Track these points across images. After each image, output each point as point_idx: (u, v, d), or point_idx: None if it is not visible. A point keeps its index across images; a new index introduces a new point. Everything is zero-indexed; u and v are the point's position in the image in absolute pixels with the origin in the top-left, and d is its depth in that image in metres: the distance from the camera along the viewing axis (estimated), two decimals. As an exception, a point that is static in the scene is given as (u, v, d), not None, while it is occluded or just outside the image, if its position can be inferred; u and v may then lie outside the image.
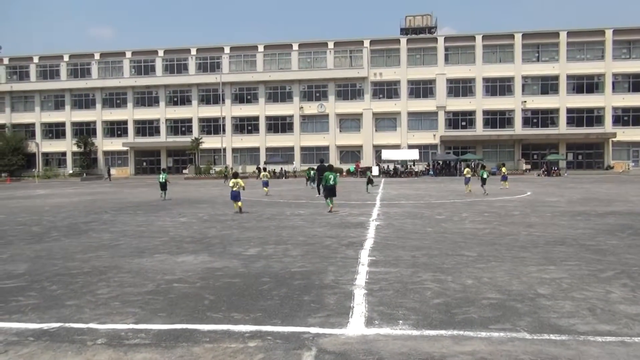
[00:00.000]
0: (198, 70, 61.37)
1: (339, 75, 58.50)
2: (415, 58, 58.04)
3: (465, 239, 9.68)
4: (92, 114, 63.38)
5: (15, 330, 4.71)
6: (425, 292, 5.85)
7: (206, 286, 6.27)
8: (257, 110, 60.38)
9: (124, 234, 11.28)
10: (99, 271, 7.25)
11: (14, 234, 11.49)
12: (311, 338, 4.37)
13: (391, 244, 9.22)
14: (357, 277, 6.64)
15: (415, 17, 63.32)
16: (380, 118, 58.79)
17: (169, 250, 8.92)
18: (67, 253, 8.82)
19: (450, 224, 12.22)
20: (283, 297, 5.69)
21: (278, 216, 14.53)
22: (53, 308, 5.42)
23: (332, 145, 59.06)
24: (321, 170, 22.13)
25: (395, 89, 58.40)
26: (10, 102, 64.99)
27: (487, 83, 56.71)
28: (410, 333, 4.47)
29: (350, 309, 5.22)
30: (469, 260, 7.63)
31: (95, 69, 62.72)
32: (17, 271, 7.37)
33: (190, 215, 15.10)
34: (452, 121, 57.76)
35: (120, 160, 63.01)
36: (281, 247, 9.05)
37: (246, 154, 61.01)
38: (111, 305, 5.50)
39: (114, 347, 4.24)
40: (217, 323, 4.81)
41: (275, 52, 60.24)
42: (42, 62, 64.12)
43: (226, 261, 7.85)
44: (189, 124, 61.90)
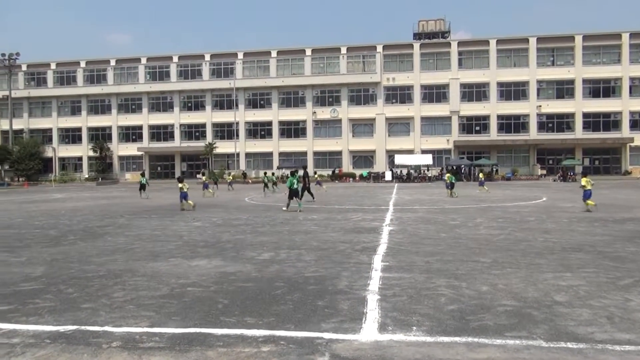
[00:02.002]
0: (212, 75, 61.84)
1: (351, 80, 58.55)
2: (428, 63, 57.89)
3: (479, 245, 9.60)
4: (108, 119, 64.17)
5: (32, 333, 4.77)
6: (440, 298, 5.81)
7: (220, 290, 6.29)
8: (270, 115, 60.62)
9: (139, 237, 11.37)
10: (115, 274, 7.32)
11: (32, 237, 11.65)
12: (324, 343, 4.36)
13: (405, 250, 9.18)
14: (371, 282, 6.61)
15: (428, 22, 63.19)
16: (393, 123, 58.66)
17: (183, 255, 8.97)
18: (83, 256, 8.92)
19: (464, 229, 12.13)
20: (296, 302, 5.68)
21: (291, 221, 14.55)
22: (69, 311, 5.47)
23: (344, 150, 59.04)
24: (305, 176, 23.14)
25: (409, 93, 58.26)
26: (28, 107, 66.08)
27: (501, 87, 56.32)
28: (424, 339, 4.43)
29: (364, 314, 5.20)
30: (483, 267, 7.56)
31: (111, 75, 63.54)
32: (35, 274, 7.46)
33: (204, 220, 15.18)
34: (466, 126, 57.43)
35: (135, 165, 63.63)
36: (294, 252, 9.05)
37: (259, 159, 61.22)
38: (126, 308, 5.55)
39: (129, 350, 4.27)
40: (230, 327, 4.82)
41: (288, 57, 60.49)
42: (59, 68, 65.13)
43: (240, 265, 7.88)
44: (202, 129, 62.35)
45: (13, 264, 8.28)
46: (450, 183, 25.84)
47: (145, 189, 27.69)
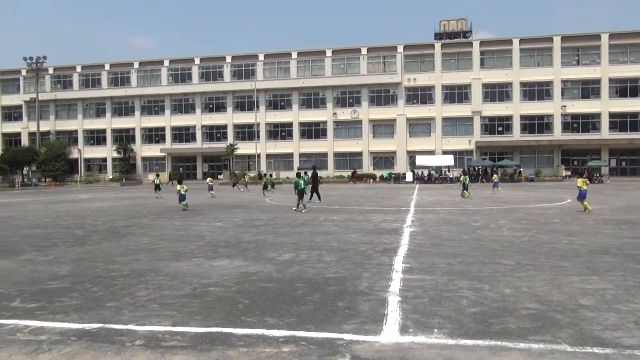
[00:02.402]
0: (233, 77, 62.36)
1: (372, 81, 58.39)
2: (450, 63, 57.39)
3: (502, 247, 9.47)
4: (132, 120, 65.21)
5: (58, 330, 4.87)
6: (461, 300, 5.75)
7: (241, 290, 6.34)
8: (291, 116, 60.83)
9: (162, 238, 11.52)
10: (138, 274, 7.43)
11: (58, 237, 11.90)
12: (345, 344, 4.35)
13: (426, 251, 9.11)
14: (391, 284, 6.58)
15: (449, 22, 62.67)
16: (414, 124, 58.29)
17: (205, 255, 9.06)
18: (108, 256, 9.08)
19: (486, 231, 11.98)
20: (317, 303, 5.69)
21: (312, 222, 14.57)
22: (94, 309, 5.57)
23: (365, 151, 58.89)
24: (315, 177, 23.30)
25: (430, 94, 57.85)
26: (55, 109, 67.57)
27: (524, 87, 55.50)
28: (445, 342, 4.39)
29: (385, 316, 5.17)
30: (506, 269, 7.45)
31: (135, 78, 64.57)
32: (61, 273, 7.62)
33: (226, 220, 15.30)
34: (488, 126, 56.75)
35: (158, 166, 64.52)
36: (315, 253, 9.06)
37: (280, 160, 61.48)
38: (149, 307, 5.62)
39: (152, 348, 4.33)
40: (251, 327, 4.85)
41: (309, 58, 60.63)
42: (84, 71, 66.46)
43: (261, 266, 7.92)
44: (224, 130, 62.90)
45: (40, 263, 8.47)
46: (463, 184, 26.08)
47: (159, 189, 28.82)
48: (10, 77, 68.97)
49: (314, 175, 23.54)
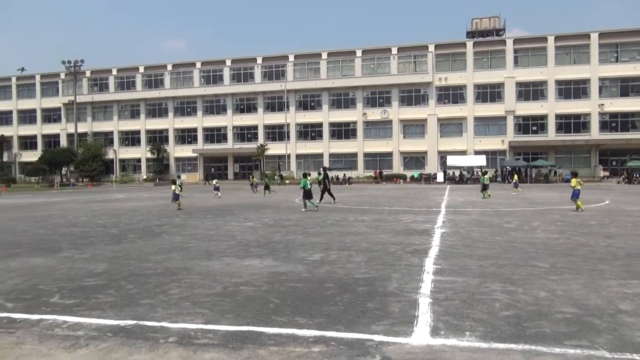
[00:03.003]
0: (263, 78, 62.88)
1: (402, 81, 57.95)
2: (482, 61, 56.44)
3: (536, 249, 9.25)
4: (165, 122, 66.51)
5: (95, 326, 5.01)
6: (494, 303, 5.64)
7: (271, 290, 6.38)
8: (321, 116, 60.93)
9: (194, 237, 11.71)
10: (171, 272, 7.57)
11: (95, 235, 12.24)
12: (375, 346, 4.33)
13: (457, 253, 8.98)
14: (422, 285, 6.51)
15: (482, 20, 61.62)
16: (446, 123, 57.56)
17: (235, 254, 9.16)
18: (142, 254, 9.28)
19: (520, 232, 11.73)
20: (347, 303, 5.68)
21: (342, 222, 14.56)
22: (129, 306, 5.71)
23: (395, 151, 58.49)
24: (326, 177, 23.14)
25: (461, 93, 57.03)
26: (92, 111, 69.53)
27: (560, 86, 54.09)
28: (478, 345, 4.32)
29: (415, 317, 5.12)
30: (541, 272, 7.28)
31: (168, 80, 65.85)
32: (97, 270, 7.83)
33: (256, 220, 15.44)
34: (522, 126, 55.55)
35: (190, 166, 65.61)
36: (345, 253, 9.05)
37: (310, 160, 61.63)
38: (182, 305, 5.72)
39: (184, 345, 4.41)
40: (282, 327, 4.88)
41: (339, 59, 60.60)
42: (119, 74, 68.16)
43: (291, 266, 7.96)
44: (254, 130, 63.48)
45: (78, 260, 8.72)
46: (483, 184, 25.98)
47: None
48: (50, 81, 71.34)
49: (324, 176, 23.49)
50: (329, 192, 22.55)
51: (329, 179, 23.42)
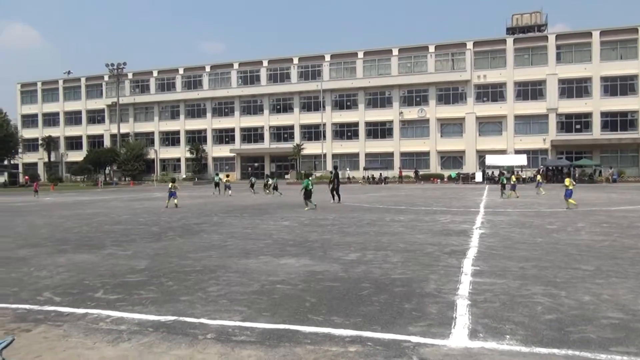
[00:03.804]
0: (300, 78, 63.18)
1: (440, 79, 57.13)
2: (523, 58, 55.00)
3: (580, 252, 8.95)
4: (203, 122, 67.76)
5: (137, 321, 5.15)
6: (536, 306, 5.49)
7: (307, 289, 6.41)
8: (357, 116, 60.74)
9: (231, 235, 11.88)
10: (210, 270, 7.70)
11: (137, 233, 12.59)
12: (412, 347, 4.28)
13: (497, 254, 8.79)
14: (460, 286, 6.40)
15: (522, 16, 60.06)
16: (484, 122, 56.39)
17: (272, 253, 9.24)
18: (182, 252, 9.49)
19: (563, 234, 11.37)
20: (383, 304, 5.64)
21: (378, 222, 14.48)
22: (169, 302, 5.85)
23: (432, 150, 57.73)
24: (335, 177, 23.24)
25: (501, 91, 55.74)
26: (133, 112, 71.54)
27: (605, 82, 52.13)
28: (518, 349, 4.21)
29: (453, 319, 5.04)
30: (585, 275, 7.03)
31: (206, 81, 67.05)
32: (139, 267, 8.06)
33: (292, 219, 15.53)
34: (565, 124, 53.83)
35: (228, 166, 66.61)
36: (381, 253, 8.99)
37: (346, 160, 61.55)
38: (220, 302, 5.82)
39: (222, 342, 4.48)
40: (318, 325, 4.89)
41: (375, 58, 60.28)
42: (160, 75, 69.85)
43: (327, 265, 7.97)
44: (290, 130, 63.89)
45: (121, 257, 9.00)
46: (502, 184, 26.47)
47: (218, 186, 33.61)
48: (94, 83, 73.81)
49: (335, 175, 23.45)
50: (336, 192, 22.62)
51: (338, 179, 23.44)
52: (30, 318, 5.30)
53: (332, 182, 23.18)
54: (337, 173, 23.79)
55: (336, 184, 22.94)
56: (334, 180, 23.06)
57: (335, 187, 22.80)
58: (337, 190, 22.75)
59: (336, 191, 22.72)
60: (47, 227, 14.46)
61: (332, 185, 23.02)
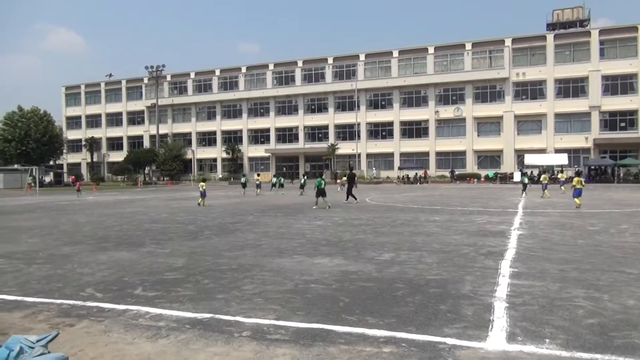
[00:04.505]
0: (334, 78, 63.21)
1: (477, 77, 56.11)
2: (564, 55, 53.40)
3: (625, 254, 8.62)
4: (239, 123, 68.67)
5: (174, 318, 5.27)
6: (577, 310, 5.32)
7: (341, 288, 6.40)
8: (392, 115, 60.33)
9: (266, 234, 11.99)
10: (244, 268, 7.80)
11: (174, 232, 12.87)
12: (447, 349, 4.22)
13: (535, 256, 8.56)
14: (497, 288, 6.27)
15: (564, 11, 58.29)
16: (523, 121, 55.04)
17: (306, 252, 9.27)
18: (217, 250, 9.63)
19: (606, 236, 10.98)
20: (418, 305, 5.58)
21: (412, 222, 14.33)
22: (205, 300, 5.95)
23: (469, 150, 56.75)
24: (351, 178, 23.03)
25: (540, 88, 54.29)
26: (172, 114, 73.15)
27: (652, 78, 50.01)
28: (558, 354, 4.09)
29: (490, 322, 4.94)
30: (630, 279, 6.77)
31: (242, 82, 67.93)
32: (176, 265, 8.23)
33: (326, 219, 15.55)
34: (609, 122, 51.95)
35: (263, 166, 67.29)
36: (415, 254, 8.90)
37: (380, 160, 61.23)
38: (255, 301, 5.88)
39: (257, 340, 4.53)
40: (352, 325, 4.88)
41: (410, 56, 59.71)
42: (197, 77, 71.18)
43: (360, 265, 7.94)
44: (325, 130, 63.99)
45: (159, 255, 9.21)
46: (523, 184, 27.44)
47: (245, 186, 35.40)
48: (134, 85, 75.89)
49: (350, 176, 23.25)
50: (349, 192, 22.54)
51: (353, 179, 23.35)
52: (73, 313, 5.49)
53: (347, 182, 23.25)
54: (352, 174, 23.69)
55: (351, 184, 22.91)
56: (349, 180, 23.07)
57: (350, 187, 22.79)
58: (350, 191, 22.75)
59: (349, 191, 22.72)
60: (89, 225, 14.94)
61: (347, 186, 23.06)
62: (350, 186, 22.87)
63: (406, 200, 24.81)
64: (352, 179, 23.24)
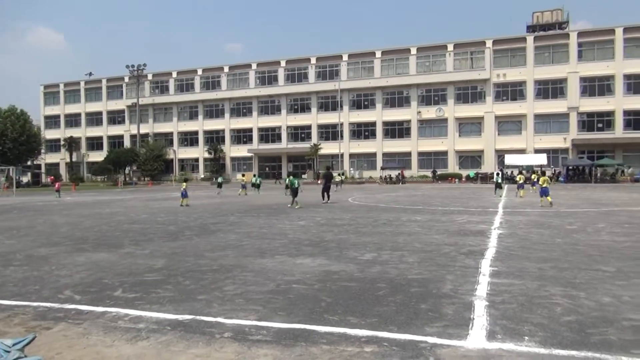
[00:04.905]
0: (317, 78, 63.23)
1: (458, 78, 56.66)
2: (543, 56, 54.23)
3: (601, 252, 8.79)
4: (221, 122, 68.25)
5: (155, 319, 5.21)
6: (555, 307, 5.41)
7: (323, 289, 6.41)
8: (374, 115, 60.58)
9: (247, 235, 11.94)
10: (226, 269, 7.75)
11: (154, 232, 12.73)
12: (428, 348, 4.25)
13: (515, 255, 8.68)
14: (478, 287, 6.34)
15: (543, 13, 59.19)
16: (504, 121, 55.75)
17: (288, 252, 9.26)
18: (198, 251, 9.56)
19: (583, 234, 11.18)
20: (399, 304, 5.62)
21: (394, 222, 14.41)
22: (186, 301, 5.90)
23: (450, 150, 57.27)
24: (327, 177, 23.21)
25: (521, 90, 55.06)
26: (153, 113, 72.38)
27: (628, 80, 51.14)
28: (537, 351, 4.15)
29: (470, 320, 4.99)
30: (605, 276, 6.90)
31: (225, 81, 67.53)
32: (157, 265, 8.14)
33: (308, 219, 15.55)
34: (587, 123, 52.93)
35: (246, 166, 66.98)
36: (397, 254, 8.95)
37: (363, 160, 61.43)
38: (236, 301, 5.85)
39: (239, 341, 4.50)
40: (334, 325, 4.88)
41: (393, 57, 60.04)
42: (179, 76, 70.56)
43: (342, 265, 7.96)
44: (308, 130, 63.98)
45: (139, 256, 9.11)
46: (496, 183, 28.59)
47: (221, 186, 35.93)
48: (115, 84, 74.91)
49: (327, 175, 23.41)
50: (326, 192, 22.74)
51: (329, 179, 23.44)
52: (50, 316, 5.40)
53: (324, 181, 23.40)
54: (327, 173, 23.76)
55: (326, 184, 23.00)
56: (325, 179, 23.17)
57: (326, 187, 22.87)
58: (327, 190, 22.85)
59: (326, 191, 22.80)
60: (67, 226, 14.71)
61: (323, 185, 23.17)
62: (327, 185, 22.96)
63: (388, 200, 24.94)
64: (328, 178, 23.32)
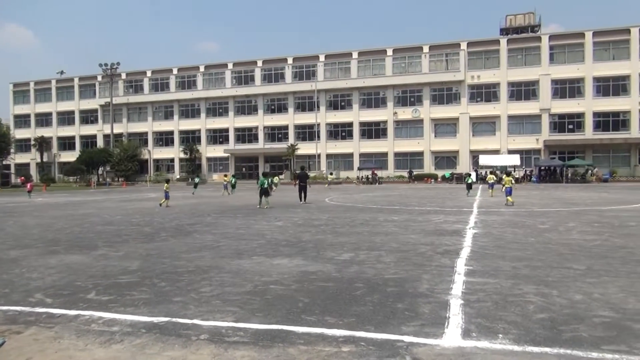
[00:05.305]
0: (294, 78, 63.17)
1: (434, 80, 57.33)
2: (516, 59, 55.30)
3: (572, 251, 9.00)
4: (197, 122, 67.59)
5: (129, 322, 5.12)
6: (528, 305, 5.51)
7: (301, 289, 6.40)
8: (351, 116, 60.82)
9: (224, 236, 11.85)
10: (202, 270, 7.68)
11: (129, 234, 12.53)
12: (405, 347, 4.29)
13: (489, 254, 8.82)
14: (453, 286, 6.42)
15: (516, 16, 60.39)
16: (478, 122, 56.63)
17: (265, 253, 9.22)
18: (174, 252, 9.45)
19: (555, 234, 11.43)
20: (376, 304, 5.65)
21: (371, 222, 14.49)
22: (162, 303, 5.82)
23: (426, 150, 57.89)
24: (301, 177, 23.41)
25: (495, 91, 56.01)
26: (127, 113, 71.23)
27: (598, 83, 52.51)
28: (511, 348, 4.23)
29: (446, 319, 5.05)
30: (576, 274, 7.07)
31: (200, 81, 66.90)
32: (131, 267, 8.01)
33: (286, 220, 15.51)
34: (558, 124, 54.17)
35: (222, 166, 66.48)
36: (374, 253, 9.00)
37: (340, 160, 61.61)
38: (213, 303, 5.80)
39: (216, 343, 4.46)
40: (311, 326, 4.88)
41: (370, 58, 60.38)
42: (154, 75, 69.61)
43: (320, 265, 7.96)
44: (285, 130, 63.87)
45: (113, 258, 8.95)
46: (467, 184, 29.08)
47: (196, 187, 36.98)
48: (88, 83, 73.51)
49: (301, 175, 23.67)
50: (303, 192, 22.98)
51: (304, 179, 23.56)
52: (21, 320, 5.26)
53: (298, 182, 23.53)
54: (302, 174, 23.86)
55: (300, 184, 23.15)
56: (299, 179, 23.27)
57: (302, 187, 23.03)
58: (304, 190, 23.01)
59: (303, 191, 22.97)
60: (39, 227, 14.36)
61: (298, 185, 23.29)
62: (302, 185, 23.02)
63: (365, 200, 25.06)
64: (302, 178, 23.38)
